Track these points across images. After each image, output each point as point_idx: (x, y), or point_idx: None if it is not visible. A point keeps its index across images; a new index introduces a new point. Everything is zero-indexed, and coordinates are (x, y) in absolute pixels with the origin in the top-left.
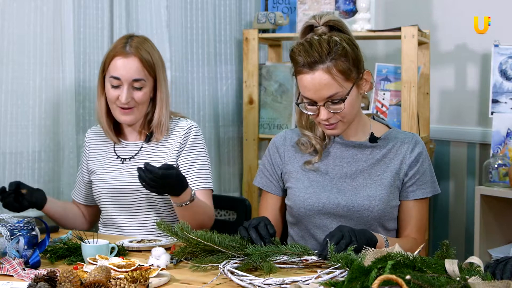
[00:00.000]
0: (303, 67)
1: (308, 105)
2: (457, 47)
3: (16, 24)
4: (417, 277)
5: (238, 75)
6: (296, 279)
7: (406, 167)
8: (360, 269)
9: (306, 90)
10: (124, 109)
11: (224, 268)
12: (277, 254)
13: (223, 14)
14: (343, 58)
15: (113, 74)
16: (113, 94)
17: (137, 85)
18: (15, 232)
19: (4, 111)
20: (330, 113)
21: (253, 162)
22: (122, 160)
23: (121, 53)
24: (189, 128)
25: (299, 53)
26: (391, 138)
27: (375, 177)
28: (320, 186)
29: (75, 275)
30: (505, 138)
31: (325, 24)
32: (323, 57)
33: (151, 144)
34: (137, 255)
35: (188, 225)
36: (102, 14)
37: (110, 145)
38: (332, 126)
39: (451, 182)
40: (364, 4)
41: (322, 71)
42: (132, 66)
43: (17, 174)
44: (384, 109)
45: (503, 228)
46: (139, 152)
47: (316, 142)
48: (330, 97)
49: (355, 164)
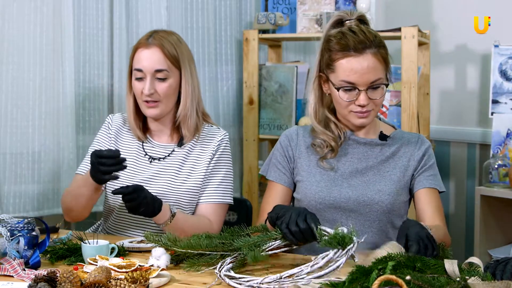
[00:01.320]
0: (350, 50)
1: (346, 91)
2: (457, 48)
3: (16, 24)
4: (417, 278)
5: (238, 75)
6: (293, 272)
7: (415, 163)
8: (361, 270)
9: (352, 73)
10: (149, 102)
11: (221, 273)
12: (267, 241)
13: (223, 14)
14: (384, 47)
15: (136, 66)
16: (138, 87)
17: (160, 75)
18: (15, 232)
19: (4, 112)
20: (369, 99)
21: (253, 162)
22: (150, 159)
23: (144, 44)
24: (221, 139)
25: (344, 38)
26: (398, 137)
27: (384, 173)
28: (331, 180)
29: (75, 276)
30: (505, 138)
31: (357, 18)
32: (371, 43)
33: (184, 148)
34: (137, 256)
35: (174, 236)
36: (102, 15)
37: (138, 141)
38: (365, 114)
39: (451, 182)
40: (364, 5)
41: (370, 55)
42: (153, 56)
43: (17, 175)
44: (384, 110)
45: (503, 229)
46: (170, 155)
47: (333, 141)
48: (374, 82)
49: (366, 160)
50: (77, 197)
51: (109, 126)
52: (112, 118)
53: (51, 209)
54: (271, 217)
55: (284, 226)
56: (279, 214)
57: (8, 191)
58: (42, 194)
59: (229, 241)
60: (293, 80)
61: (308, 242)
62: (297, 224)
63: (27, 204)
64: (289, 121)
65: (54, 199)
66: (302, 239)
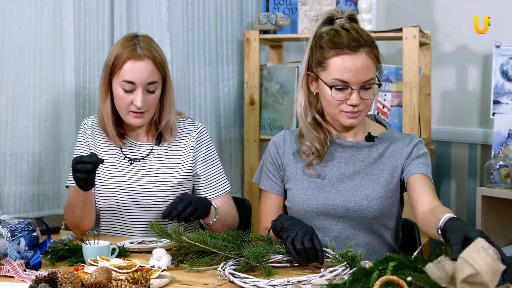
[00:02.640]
0: (344, 48)
1: (338, 89)
2: (458, 48)
3: (17, 25)
4: (418, 279)
5: (239, 76)
6: (301, 279)
7: (403, 160)
8: (362, 271)
9: (346, 71)
10: (137, 113)
11: (225, 271)
12: (271, 253)
13: (224, 15)
14: (376, 47)
15: (127, 78)
16: (126, 99)
17: (151, 88)
18: (16, 233)
19: (4, 112)
20: (360, 99)
21: (254, 163)
22: (130, 161)
23: (134, 56)
24: (200, 132)
25: (338, 35)
26: (387, 137)
27: (372, 176)
28: (319, 187)
29: (76, 276)
30: (506, 139)
31: (348, 17)
32: (364, 42)
33: (162, 146)
34: (138, 256)
35: (180, 227)
36: (102, 15)
37: (114, 144)
38: (356, 114)
39: (452, 183)
40: (365, 5)
41: (365, 54)
42: (147, 69)
43: (17, 175)
44: (385, 110)
45: (504, 229)
46: (149, 154)
47: (319, 144)
48: (367, 82)
49: (353, 164)
50: (73, 210)
51: (85, 131)
52: (87, 122)
53: (51, 210)
54: (275, 225)
55: (289, 241)
56: (284, 226)
57: (9, 192)
58: (43, 195)
59: (231, 244)
60: (294, 80)
61: (309, 261)
62: (303, 242)
63: (27, 204)
64: (290, 121)
65: (54, 199)
66: (305, 257)
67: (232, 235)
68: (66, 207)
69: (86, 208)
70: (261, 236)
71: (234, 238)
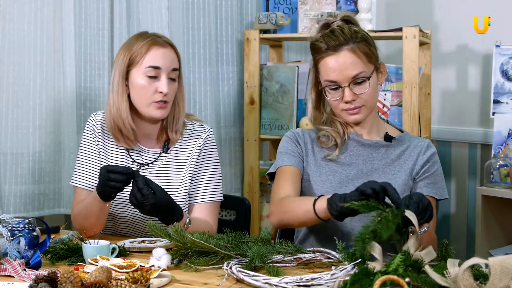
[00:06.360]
0: (327, 50)
1: (332, 90)
2: (458, 48)
3: (17, 24)
4: (416, 279)
5: (239, 75)
6: (313, 277)
7: (419, 167)
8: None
9: (331, 71)
10: (159, 102)
11: (232, 269)
12: (273, 253)
13: (224, 14)
14: (364, 42)
15: (153, 63)
16: (150, 88)
17: (173, 75)
18: (16, 232)
19: (5, 112)
20: (354, 95)
21: (254, 162)
22: (139, 166)
23: (157, 43)
24: (206, 137)
25: (322, 39)
26: (405, 140)
27: (390, 175)
28: (337, 181)
29: (76, 276)
30: (506, 138)
31: (341, 19)
32: (347, 40)
33: (170, 153)
34: (138, 256)
35: (182, 227)
36: (102, 15)
37: (124, 148)
38: (356, 110)
39: (453, 182)
40: (365, 5)
41: (347, 51)
42: (170, 55)
43: (17, 175)
44: (385, 110)
45: (504, 229)
46: (158, 159)
47: (337, 135)
48: (355, 77)
49: (371, 162)
50: (87, 218)
51: (94, 128)
52: (95, 119)
53: (51, 209)
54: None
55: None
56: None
57: (9, 191)
58: (43, 194)
59: (231, 244)
60: (294, 80)
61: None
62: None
63: (27, 204)
64: (290, 121)
65: (54, 199)
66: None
67: (231, 236)
68: (77, 212)
69: (102, 215)
70: (259, 238)
71: (233, 239)
